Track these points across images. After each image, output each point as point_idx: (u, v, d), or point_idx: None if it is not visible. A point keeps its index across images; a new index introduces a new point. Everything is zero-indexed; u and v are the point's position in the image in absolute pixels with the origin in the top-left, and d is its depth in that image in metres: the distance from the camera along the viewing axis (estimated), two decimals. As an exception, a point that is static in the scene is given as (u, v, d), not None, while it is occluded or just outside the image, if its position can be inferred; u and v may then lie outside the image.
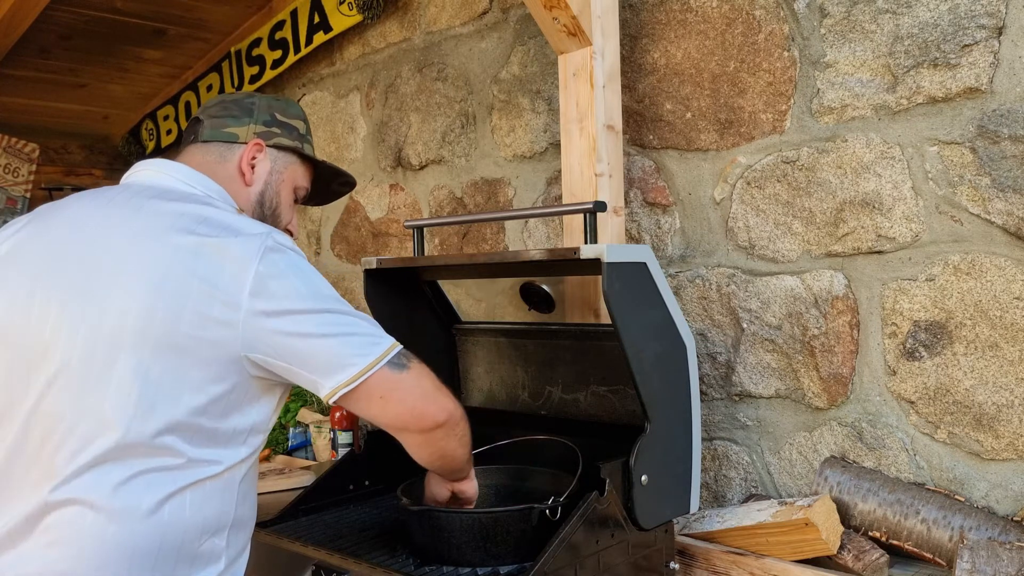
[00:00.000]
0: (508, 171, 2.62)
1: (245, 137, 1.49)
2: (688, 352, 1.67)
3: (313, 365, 1.26)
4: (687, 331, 1.67)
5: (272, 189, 1.52)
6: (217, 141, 1.48)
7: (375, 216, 3.10)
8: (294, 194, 1.57)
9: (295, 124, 1.56)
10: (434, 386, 1.35)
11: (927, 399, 1.79)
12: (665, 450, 1.63)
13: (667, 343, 1.64)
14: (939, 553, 1.66)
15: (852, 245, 1.88)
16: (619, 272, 1.50)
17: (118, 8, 3.24)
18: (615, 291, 1.49)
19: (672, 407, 1.65)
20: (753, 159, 2.04)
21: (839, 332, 1.90)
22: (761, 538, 1.74)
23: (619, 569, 1.55)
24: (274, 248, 1.27)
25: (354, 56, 3.19)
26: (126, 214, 1.31)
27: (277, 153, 1.52)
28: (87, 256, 1.28)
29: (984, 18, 1.68)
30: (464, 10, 2.74)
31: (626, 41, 2.24)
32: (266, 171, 1.50)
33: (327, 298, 1.29)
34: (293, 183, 1.56)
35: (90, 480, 1.19)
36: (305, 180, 1.59)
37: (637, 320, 1.56)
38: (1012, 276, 1.67)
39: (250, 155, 1.48)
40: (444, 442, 1.39)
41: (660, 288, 1.61)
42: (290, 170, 1.55)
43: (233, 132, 1.49)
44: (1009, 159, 1.67)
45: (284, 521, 1.80)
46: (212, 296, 1.22)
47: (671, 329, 1.65)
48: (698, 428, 1.69)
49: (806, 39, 1.95)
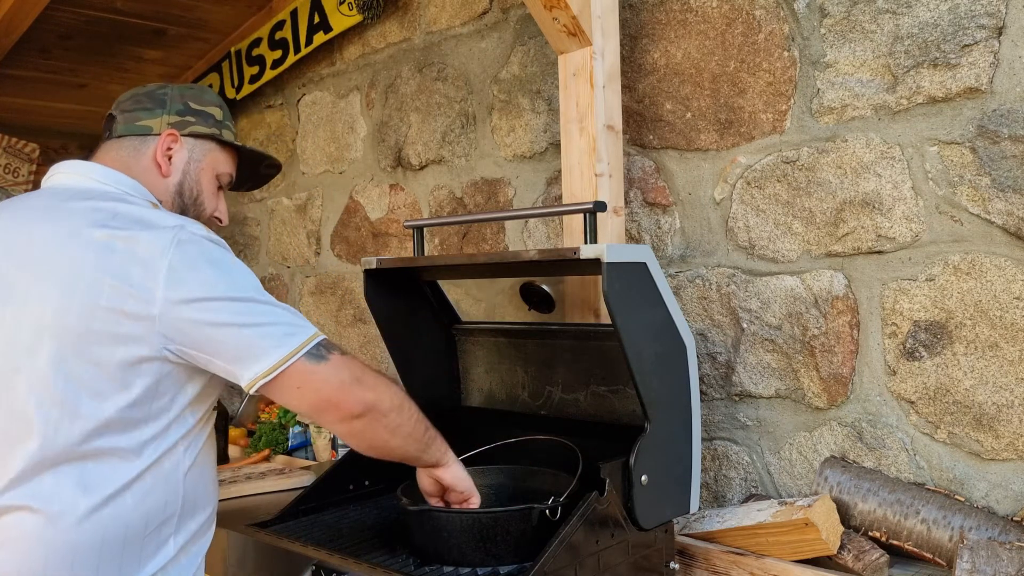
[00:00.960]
0: (508, 171, 2.62)
1: (159, 128, 1.48)
2: (688, 352, 1.67)
3: (231, 355, 1.26)
4: (687, 331, 1.67)
5: (191, 178, 1.51)
6: (131, 135, 1.48)
7: (375, 216, 3.10)
8: (217, 181, 1.56)
9: (210, 111, 1.54)
10: (353, 378, 1.34)
11: (927, 399, 1.79)
12: (665, 450, 1.63)
13: (667, 343, 1.64)
14: (939, 553, 1.66)
15: (852, 245, 1.88)
16: (619, 272, 1.50)
17: (118, 8, 3.23)
18: (615, 291, 1.49)
19: (672, 407, 1.64)
20: (753, 159, 2.04)
21: (839, 332, 1.90)
22: (761, 538, 1.74)
23: (619, 569, 1.55)
24: (188, 240, 1.27)
25: (354, 56, 3.19)
26: (42, 217, 1.33)
27: (194, 142, 1.51)
28: (5, 263, 1.30)
29: (984, 18, 1.68)
30: (464, 10, 2.74)
31: (626, 41, 2.24)
32: (183, 161, 1.50)
33: (245, 287, 1.29)
34: (214, 170, 1.55)
35: (28, 487, 1.22)
36: (228, 166, 1.58)
37: (637, 320, 1.56)
38: (1012, 276, 1.67)
39: (164, 146, 1.48)
40: (370, 433, 1.38)
41: (660, 288, 1.60)
42: (209, 157, 1.54)
43: (146, 125, 1.48)
44: (1009, 159, 1.67)
45: (284, 521, 1.80)
46: (125, 292, 1.23)
47: (671, 329, 1.64)
48: (698, 428, 1.69)
49: (806, 39, 1.95)
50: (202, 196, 1.53)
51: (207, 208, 1.54)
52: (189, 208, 1.50)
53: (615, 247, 1.51)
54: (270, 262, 3.64)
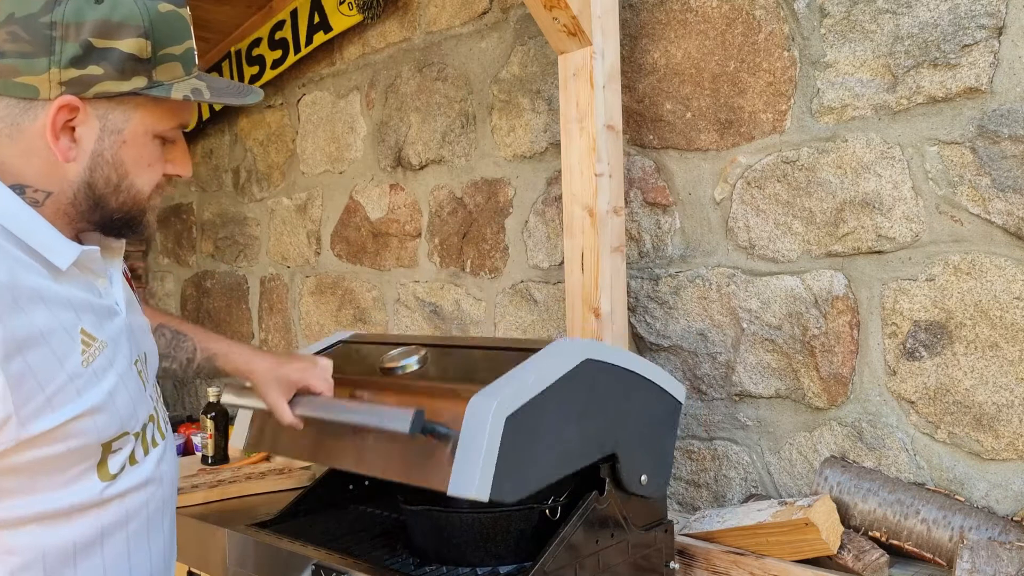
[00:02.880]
0: (508, 171, 2.62)
1: (47, 92, 0.98)
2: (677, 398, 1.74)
3: None
4: (677, 386, 1.71)
5: (106, 161, 1.05)
6: (7, 96, 0.99)
7: (375, 216, 3.10)
8: (159, 139, 1.09)
9: (127, 45, 1.00)
10: None
11: (927, 399, 1.79)
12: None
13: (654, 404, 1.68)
14: (939, 553, 1.66)
15: (852, 245, 1.88)
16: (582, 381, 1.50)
17: (118, 8, 3.23)
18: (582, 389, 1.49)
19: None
20: (753, 159, 2.04)
21: (839, 332, 1.90)
22: (761, 538, 1.74)
23: (619, 569, 1.55)
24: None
25: (354, 56, 3.19)
26: None
27: (108, 105, 1.02)
28: None
29: (984, 18, 1.68)
30: (464, 10, 2.74)
31: (626, 41, 2.24)
32: (93, 138, 1.03)
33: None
34: (147, 134, 1.06)
35: None
36: (172, 117, 1.09)
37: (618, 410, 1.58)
38: (1012, 276, 1.67)
39: (59, 122, 1.00)
40: None
41: (618, 363, 1.60)
42: (135, 121, 1.05)
43: (27, 83, 0.98)
44: (1009, 159, 1.67)
45: (284, 521, 1.80)
46: None
47: (653, 389, 1.68)
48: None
49: (806, 39, 1.95)
50: (128, 179, 1.07)
51: (140, 188, 1.08)
52: (109, 199, 1.07)
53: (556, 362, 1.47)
54: (270, 262, 3.64)
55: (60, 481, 1.02)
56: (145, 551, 1.13)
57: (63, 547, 1.04)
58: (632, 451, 1.59)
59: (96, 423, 1.03)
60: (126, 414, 1.09)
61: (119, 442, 1.08)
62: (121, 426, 1.08)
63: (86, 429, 1.02)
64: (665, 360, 2.20)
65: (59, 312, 1.01)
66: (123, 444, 1.09)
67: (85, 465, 1.04)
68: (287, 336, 3.53)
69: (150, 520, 1.15)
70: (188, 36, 1.07)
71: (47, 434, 0.98)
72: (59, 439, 0.99)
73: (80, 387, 1.01)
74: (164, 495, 1.18)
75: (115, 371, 1.08)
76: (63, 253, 1.04)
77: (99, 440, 1.04)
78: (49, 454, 0.99)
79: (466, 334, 2.74)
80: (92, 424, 1.03)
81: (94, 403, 1.03)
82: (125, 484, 1.09)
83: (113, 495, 1.08)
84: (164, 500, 1.19)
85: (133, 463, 1.11)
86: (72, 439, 1.01)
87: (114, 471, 1.07)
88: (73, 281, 1.06)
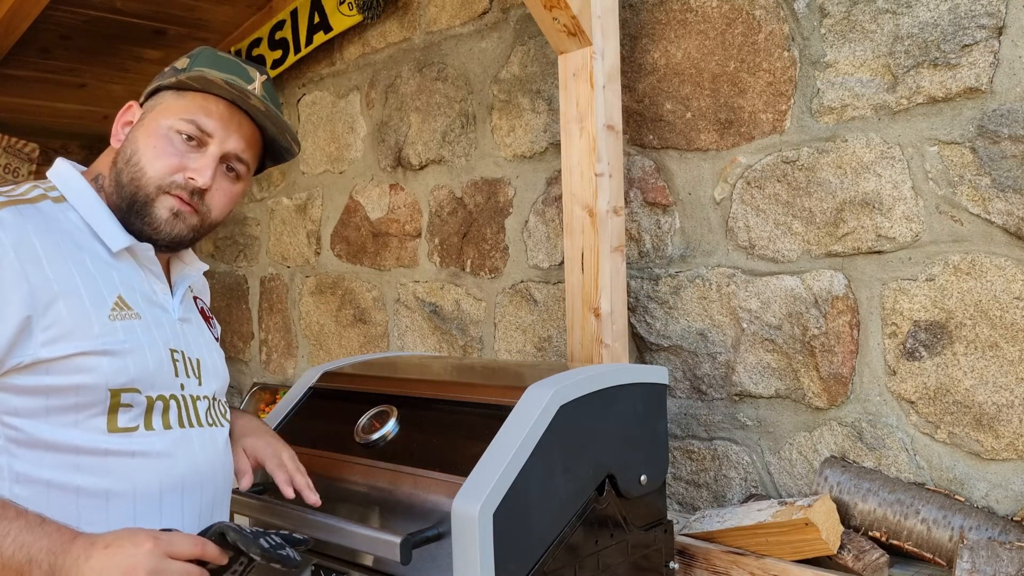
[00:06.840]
0: (508, 171, 2.62)
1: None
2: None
3: None
4: (652, 369, 1.67)
5: (130, 140, 1.28)
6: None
7: (375, 216, 3.10)
8: (178, 134, 1.27)
9: (178, 64, 1.34)
10: None
11: (927, 399, 1.79)
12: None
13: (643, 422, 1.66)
14: (939, 553, 1.66)
15: (852, 245, 1.88)
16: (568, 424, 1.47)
17: (118, 8, 3.23)
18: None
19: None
20: (753, 159, 2.04)
21: (839, 332, 1.90)
22: (761, 538, 1.74)
23: (619, 569, 1.55)
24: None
25: (354, 56, 3.19)
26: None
27: (149, 103, 1.32)
28: None
29: (984, 18, 1.68)
30: (464, 10, 2.74)
31: (626, 41, 2.24)
32: (132, 126, 1.31)
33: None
34: (159, 120, 1.28)
35: None
36: (184, 112, 1.28)
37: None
38: (1012, 276, 1.67)
39: (123, 121, 1.33)
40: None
41: (586, 404, 1.55)
42: (157, 110, 1.29)
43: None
44: (1009, 159, 1.66)
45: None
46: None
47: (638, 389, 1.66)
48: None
49: (806, 39, 1.95)
50: (138, 156, 1.25)
51: (149, 173, 1.24)
52: (123, 171, 1.26)
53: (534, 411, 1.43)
54: (270, 262, 3.64)
55: (71, 420, 1.12)
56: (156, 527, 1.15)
57: (67, 487, 1.12)
58: (627, 461, 1.58)
59: (105, 365, 1.13)
60: (139, 372, 1.17)
61: (129, 396, 1.16)
62: (131, 379, 1.16)
63: (95, 366, 1.12)
64: (665, 360, 2.20)
65: (104, 272, 1.19)
66: (133, 401, 1.17)
67: (94, 410, 1.13)
68: (287, 336, 3.53)
69: (163, 497, 1.19)
70: (227, 69, 1.32)
71: (61, 361, 1.10)
72: (71, 371, 1.11)
73: (99, 332, 1.14)
74: (184, 475, 1.22)
75: (139, 337, 1.19)
76: (116, 237, 1.23)
77: (107, 384, 1.14)
78: (61, 383, 1.11)
79: (466, 334, 2.75)
80: (101, 363, 1.13)
81: (107, 346, 1.14)
82: (135, 445, 1.17)
83: (120, 450, 1.15)
84: (185, 485, 1.22)
85: (149, 428, 1.19)
86: (82, 373, 1.12)
87: (123, 425, 1.16)
88: (129, 266, 1.25)
